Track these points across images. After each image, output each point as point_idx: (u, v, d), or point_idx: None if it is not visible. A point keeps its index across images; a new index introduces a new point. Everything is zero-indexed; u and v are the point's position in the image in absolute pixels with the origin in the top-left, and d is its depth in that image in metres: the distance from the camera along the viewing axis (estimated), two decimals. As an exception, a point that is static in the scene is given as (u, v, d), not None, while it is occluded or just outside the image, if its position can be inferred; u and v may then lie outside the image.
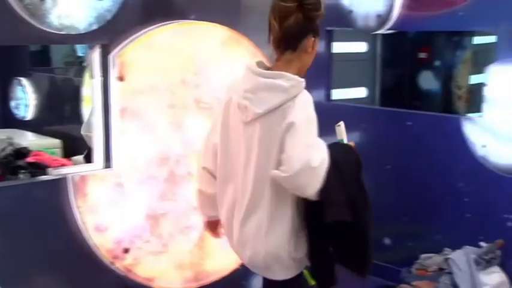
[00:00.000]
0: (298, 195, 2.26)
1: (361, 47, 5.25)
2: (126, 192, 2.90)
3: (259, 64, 2.32)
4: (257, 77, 2.28)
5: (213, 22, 3.10)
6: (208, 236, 2.56)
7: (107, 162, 2.85)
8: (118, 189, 2.87)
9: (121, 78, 2.79)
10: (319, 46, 2.32)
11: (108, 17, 2.77)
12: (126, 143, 2.87)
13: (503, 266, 3.25)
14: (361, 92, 5.28)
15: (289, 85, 2.24)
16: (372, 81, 5.39)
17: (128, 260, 2.93)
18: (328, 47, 3.98)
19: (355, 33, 4.19)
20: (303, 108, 2.24)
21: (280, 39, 2.26)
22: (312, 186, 2.19)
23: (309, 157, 2.18)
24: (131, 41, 2.85)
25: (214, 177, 2.41)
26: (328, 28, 3.89)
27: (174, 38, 2.98)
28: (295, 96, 2.24)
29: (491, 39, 3.53)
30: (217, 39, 3.12)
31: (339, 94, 4.40)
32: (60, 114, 4.43)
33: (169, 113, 3.00)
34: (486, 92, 3.28)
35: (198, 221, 2.97)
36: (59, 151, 3.84)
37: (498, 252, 3.28)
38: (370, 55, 5.37)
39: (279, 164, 2.23)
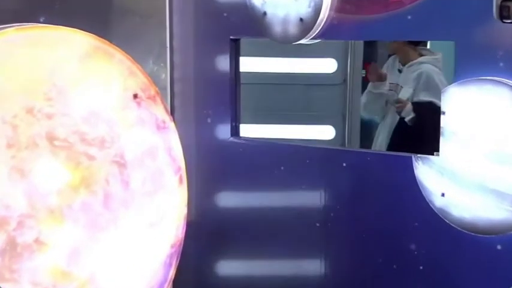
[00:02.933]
0: None
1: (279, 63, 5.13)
2: None
3: None
4: None
5: (72, 27, 2.81)
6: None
7: None
8: None
9: None
10: (221, 64, 2.69)
11: None
12: None
13: None
14: (279, 125, 5.18)
15: None
16: (296, 110, 5.29)
17: None
18: (234, 63, 3.64)
19: (271, 44, 3.88)
20: None
21: None
22: None
23: None
24: None
25: None
26: (233, 37, 3.56)
27: (14, 49, 2.67)
28: None
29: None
30: (78, 51, 2.83)
31: (249, 129, 4.27)
32: None
33: (9, 155, 2.65)
34: (444, 122, 3.12)
35: (48, 310, 2.54)
36: None
37: None
38: (291, 75, 5.25)
39: None
